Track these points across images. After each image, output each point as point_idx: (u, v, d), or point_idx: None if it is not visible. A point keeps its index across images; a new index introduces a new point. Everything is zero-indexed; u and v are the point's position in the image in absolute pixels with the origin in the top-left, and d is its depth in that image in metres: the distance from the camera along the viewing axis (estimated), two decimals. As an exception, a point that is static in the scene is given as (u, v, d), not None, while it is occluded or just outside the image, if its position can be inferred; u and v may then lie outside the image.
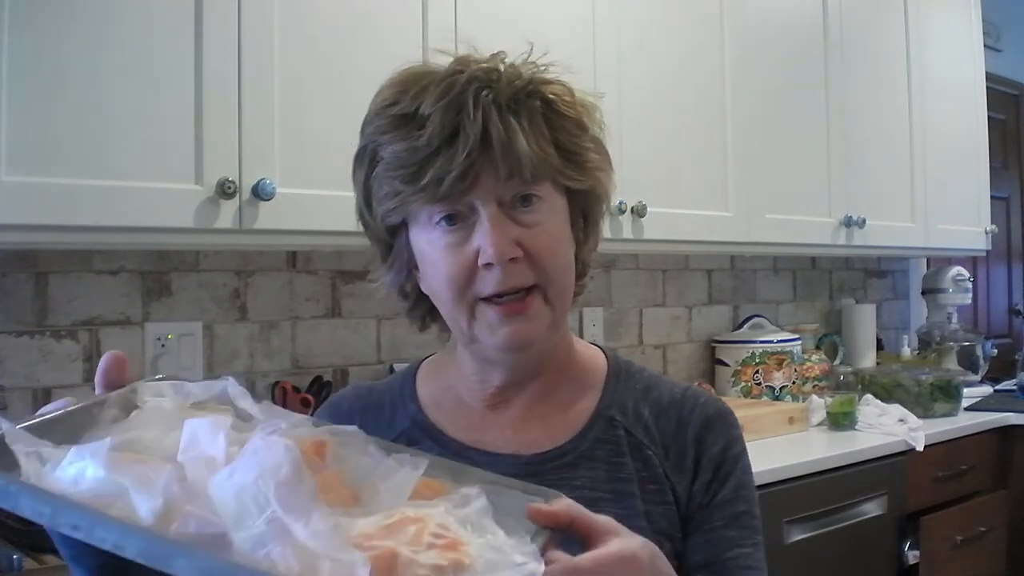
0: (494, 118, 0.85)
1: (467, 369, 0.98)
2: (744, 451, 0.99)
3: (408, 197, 0.86)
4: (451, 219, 0.87)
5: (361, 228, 0.97)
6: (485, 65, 0.88)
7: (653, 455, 0.96)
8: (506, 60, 0.90)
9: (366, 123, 0.92)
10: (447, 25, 1.90)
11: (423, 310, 0.98)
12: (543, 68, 0.91)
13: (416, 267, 0.94)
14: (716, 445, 0.97)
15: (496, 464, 0.92)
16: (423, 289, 0.95)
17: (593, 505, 0.91)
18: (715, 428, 0.98)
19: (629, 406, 0.99)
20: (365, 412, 1.01)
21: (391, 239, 0.93)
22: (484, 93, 0.85)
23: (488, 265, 0.86)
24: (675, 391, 1.00)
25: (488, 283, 0.87)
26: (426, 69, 0.90)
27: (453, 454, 0.93)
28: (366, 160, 0.91)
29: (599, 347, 1.06)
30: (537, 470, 0.93)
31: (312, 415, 0.97)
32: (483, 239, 0.86)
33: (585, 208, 0.95)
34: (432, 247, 0.89)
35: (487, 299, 0.88)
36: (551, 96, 0.89)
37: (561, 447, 0.96)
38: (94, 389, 0.72)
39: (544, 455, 0.95)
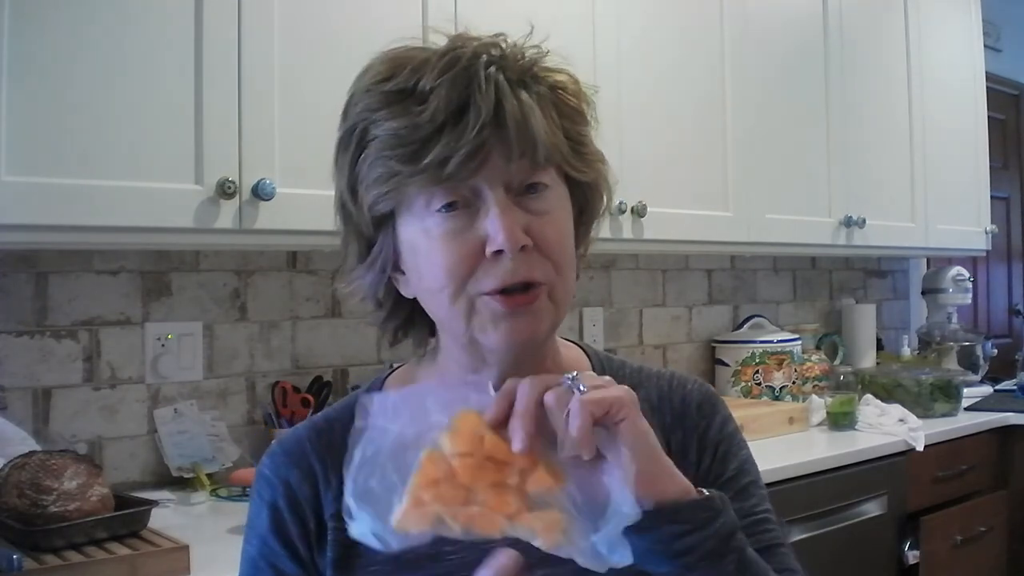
0: (508, 93, 0.77)
1: (453, 373, 0.89)
2: (738, 427, 0.97)
3: (405, 179, 0.78)
4: (451, 205, 0.78)
5: (338, 224, 0.89)
6: (487, 41, 0.82)
7: None
8: (508, 40, 0.83)
9: (351, 104, 0.84)
10: (447, 22, 1.89)
11: (399, 320, 0.91)
12: (545, 53, 0.85)
13: (398, 268, 0.86)
14: (711, 428, 0.93)
15: None
16: (404, 293, 0.87)
17: None
18: (707, 411, 0.95)
19: None
20: (331, 451, 0.89)
21: (375, 233, 0.85)
22: (493, 68, 0.78)
23: (496, 255, 0.77)
24: (661, 383, 0.95)
25: (494, 276, 0.78)
26: (419, 46, 0.83)
27: None
28: (353, 142, 0.83)
29: (575, 343, 0.99)
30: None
31: (269, 460, 0.91)
32: (493, 225, 0.77)
33: (583, 204, 0.88)
34: (427, 236, 0.79)
35: (489, 293, 0.80)
36: (556, 82, 0.83)
37: None
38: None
39: None
